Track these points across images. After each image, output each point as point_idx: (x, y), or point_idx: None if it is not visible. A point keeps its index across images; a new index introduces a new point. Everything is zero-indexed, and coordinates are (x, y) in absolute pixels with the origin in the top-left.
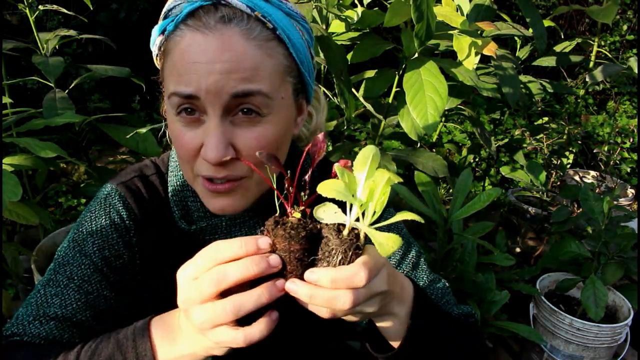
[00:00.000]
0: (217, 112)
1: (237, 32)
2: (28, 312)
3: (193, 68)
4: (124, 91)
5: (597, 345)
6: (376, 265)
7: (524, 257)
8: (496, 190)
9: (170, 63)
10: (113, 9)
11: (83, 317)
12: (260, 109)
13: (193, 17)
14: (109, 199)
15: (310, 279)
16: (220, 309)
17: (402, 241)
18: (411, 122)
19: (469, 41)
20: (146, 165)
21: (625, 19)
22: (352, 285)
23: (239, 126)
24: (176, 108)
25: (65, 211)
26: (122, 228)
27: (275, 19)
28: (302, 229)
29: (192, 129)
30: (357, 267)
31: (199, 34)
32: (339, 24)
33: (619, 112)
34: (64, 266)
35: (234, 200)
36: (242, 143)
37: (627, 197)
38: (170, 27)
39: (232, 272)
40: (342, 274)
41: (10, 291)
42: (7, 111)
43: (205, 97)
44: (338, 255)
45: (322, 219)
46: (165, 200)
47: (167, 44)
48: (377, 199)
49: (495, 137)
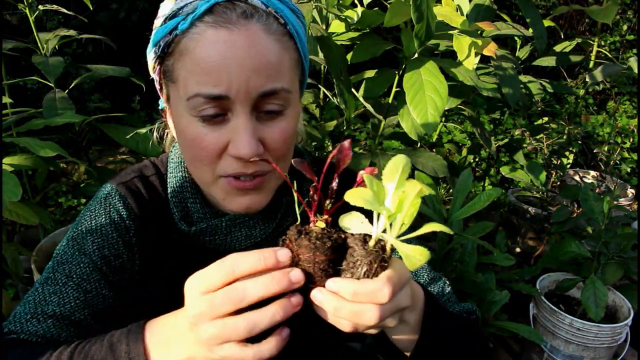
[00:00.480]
0: (246, 109)
1: (260, 28)
2: (26, 310)
3: (223, 65)
4: (124, 91)
5: (597, 345)
6: (401, 280)
7: (524, 257)
8: (496, 190)
9: (189, 62)
10: (113, 9)
11: (81, 316)
12: (282, 106)
13: (212, 14)
14: (109, 198)
15: (331, 289)
16: (233, 327)
17: (429, 254)
18: (411, 122)
19: (469, 41)
20: (146, 165)
21: (625, 19)
22: (375, 300)
23: (263, 121)
24: (198, 109)
25: (65, 211)
26: (122, 228)
27: (286, 14)
28: (327, 239)
29: (216, 129)
30: (382, 283)
31: (223, 30)
32: (339, 24)
33: (619, 112)
34: (63, 264)
35: (261, 196)
36: (269, 138)
37: (627, 197)
38: (184, 25)
39: (252, 290)
40: (365, 288)
41: (10, 291)
42: (7, 111)
43: (235, 96)
44: (363, 267)
45: (348, 229)
46: (165, 200)
47: (181, 43)
48: (407, 211)
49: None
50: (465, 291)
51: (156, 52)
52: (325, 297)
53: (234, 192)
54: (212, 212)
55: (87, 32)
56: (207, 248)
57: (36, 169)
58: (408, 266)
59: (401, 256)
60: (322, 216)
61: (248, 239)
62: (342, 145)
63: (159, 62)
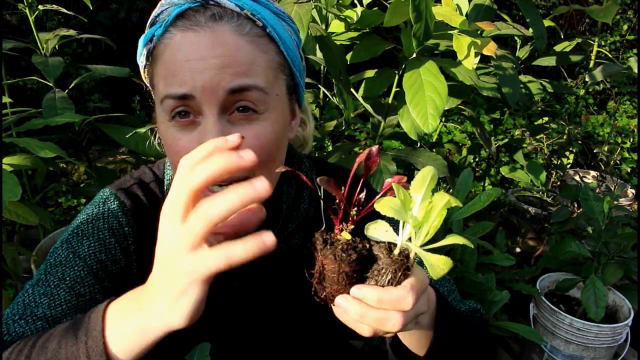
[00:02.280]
0: (213, 110)
1: (229, 29)
2: (14, 311)
3: (187, 66)
4: (124, 91)
5: (597, 345)
6: (422, 287)
7: (524, 257)
8: (496, 190)
9: (161, 66)
10: (113, 9)
11: None
12: (256, 105)
13: (183, 18)
14: (108, 203)
15: (357, 295)
16: (213, 257)
17: (452, 263)
18: (411, 122)
19: (468, 41)
20: (145, 172)
21: (625, 18)
22: (399, 308)
23: (236, 125)
24: (169, 112)
25: (65, 211)
26: (120, 234)
27: (264, 16)
28: (353, 251)
29: (188, 132)
30: (406, 291)
31: (190, 32)
32: (339, 24)
33: (619, 112)
34: (56, 267)
35: None
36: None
37: (627, 197)
38: (159, 31)
39: (219, 200)
40: (389, 296)
41: (10, 291)
42: (7, 111)
43: (200, 95)
44: (387, 275)
45: (373, 237)
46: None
47: (156, 49)
48: (433, 221)
49: (495, 137)
50: (465, 291)
51: (142, 62)
52: (350, 304)
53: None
54: None
55: (87, 32)
56: None
57: (36, 169)
58: (432, 275)
59: (425, 265)
60: (348, 225)
61: None
62: (370, 150)
63: (146, 71)
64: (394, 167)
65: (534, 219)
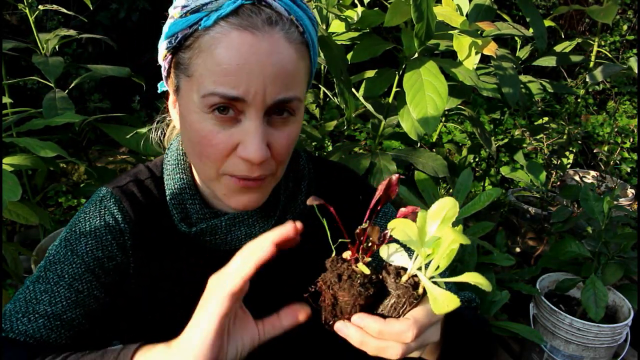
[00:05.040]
0: (259, 114)
1: (282, 36)
2: (16, 308)
3: (244, 69)
4: (124, 91)
5: (597, 345)
6: (430, 320)
7: (524, 257)
8: (496, 190)
9: (210, 60)
10: (113, 9)
11: (73, 315)
12: (293, 112)
13: (237, 16)
14: (104, 201)
15: (358, 324)
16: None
17: (459, 303)
18: (411, 122)
19: (469, 41)
20: (140, 170)
21: (625, 19)
22: (400, 340)
23: (273, 126)
24: (210, 106)
25: (65, 211)
26: (117, 230)
27: (304, 22)
28: (371, 286)
29: (227, 128)
30: (407, 325)
31: (247, 33)
32: (339, 23)
33: (619, 112)
34: (55, 264)
35: (259, 195)
36: (276, 142)
37: (627, 197)
38: (208, 22)
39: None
40: (389, 329)
41: (10, 291)
42: (7, 111)
43: (252, 100)
44: (391, 299)
45: (386, 259)
46: (161, 203)
47: (202, 39)
48: (442, 254)
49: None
50: (463, 290)
51: (171, 43)
52: (350, 330)
53: (236, 190)
54: (211, 212)
55: (87, 32)
56: (208, 248)
57: (36, 169)
58: (433, 309)
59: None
60: (365, 257)
61: (248, 238)
62: (390, 180)
63: (171, 53)
64: (394, 167)
65: (534, 219)
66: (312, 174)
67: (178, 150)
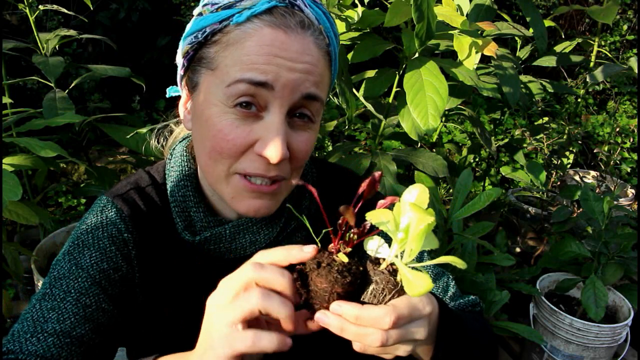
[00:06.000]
0: (283, 109)
1: (313, 40)
2: (24, 328)
3: (274, 61)
4: (124, 91)
5: (597, 345)
6: (410, 313)
7: (524, 257)
8: (496, 190)
9: (239, 52)
10: (113, 9)
11: (82, 331)
12: (314, 116)
13: (271, 14)
14: (105, 211)
15: (336, 312)
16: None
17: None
18: (411, 122)
19: (469, 41)
20: (141, 177)
21: (626, 19)
22: (378, 326)
23: (293, 128)
24: (234, 98)
25: (65, 211)
26: (120, 241)
27: (330, 35)
28: (348, 273)
29: (247, 124)
30: (385, 311)
31: (280, 31)
32: (340, 23)
33: (619, 112)
34: (60, 280)
35: (272, 203)
36: (295, 146)
37: (627, 197)
38: (240, 18)
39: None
40: (367, 314)
41: (10, 291)
42: (7, 111)
43: (281, 90)
44: (371, 285)
45: (368, 251)
46: (163, 211)
47: (231, 34)
48: (412, 238)
49: (495, 137)
50: (465, 291)
51: (197, 37)
52: (330, 318)
53: (245, 193)
54: (215, 220)
55: (87, 32)
56: (212, 256)
57: (36, 169)
58: (408, 291)
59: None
60: (346, 247)
61: (253, 245)
62: (373, 176)
63: (195, 48)
64: (394, 167)
65: (534, 219)
66: (316, 178)
67: (182, 157)
